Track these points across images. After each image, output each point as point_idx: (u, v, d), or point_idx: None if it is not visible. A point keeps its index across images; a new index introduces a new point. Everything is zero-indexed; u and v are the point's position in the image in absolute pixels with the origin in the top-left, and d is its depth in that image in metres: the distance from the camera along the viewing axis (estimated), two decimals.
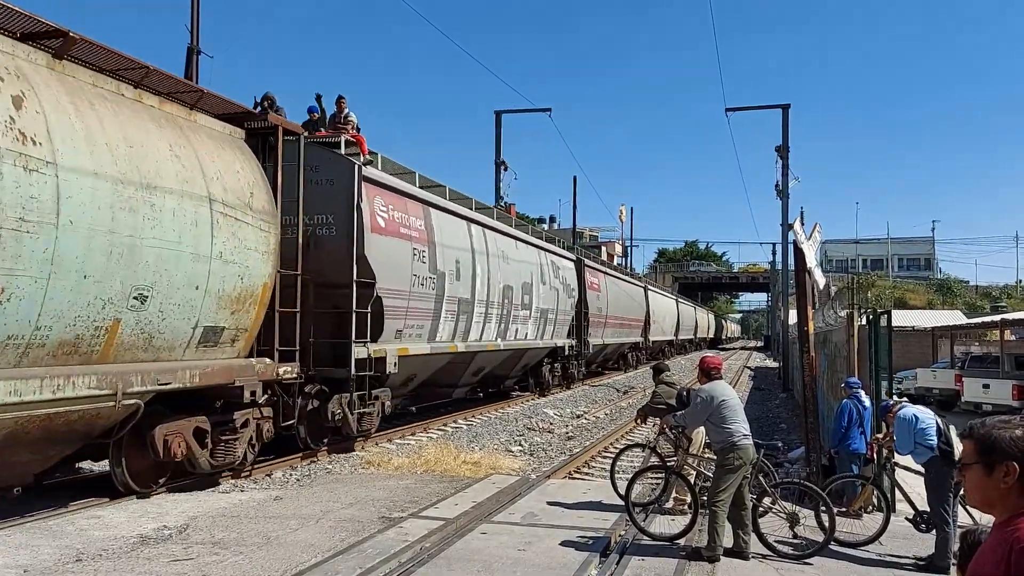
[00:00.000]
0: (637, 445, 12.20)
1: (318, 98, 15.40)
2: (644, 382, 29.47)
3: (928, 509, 7.66)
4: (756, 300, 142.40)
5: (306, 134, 12.52)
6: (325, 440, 13.21)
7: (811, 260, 11.97)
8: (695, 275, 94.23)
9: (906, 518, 8.10)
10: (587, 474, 12.58)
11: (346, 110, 14.81)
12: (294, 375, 11.40)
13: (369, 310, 12.96)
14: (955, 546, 7.27)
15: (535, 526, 8.36)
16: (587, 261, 29.54)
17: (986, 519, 2.43)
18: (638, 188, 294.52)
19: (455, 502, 9.41)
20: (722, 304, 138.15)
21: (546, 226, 69.58)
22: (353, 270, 12.68)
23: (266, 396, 10.92)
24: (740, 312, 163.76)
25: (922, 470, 7.81)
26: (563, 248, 26.89)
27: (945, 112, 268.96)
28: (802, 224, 13.21)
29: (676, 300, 58.00)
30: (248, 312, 10.23)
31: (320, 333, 12.46)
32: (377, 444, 14.14)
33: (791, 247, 13.69)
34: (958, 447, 7.69)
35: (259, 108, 12.41)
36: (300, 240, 11.60)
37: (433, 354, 15.84)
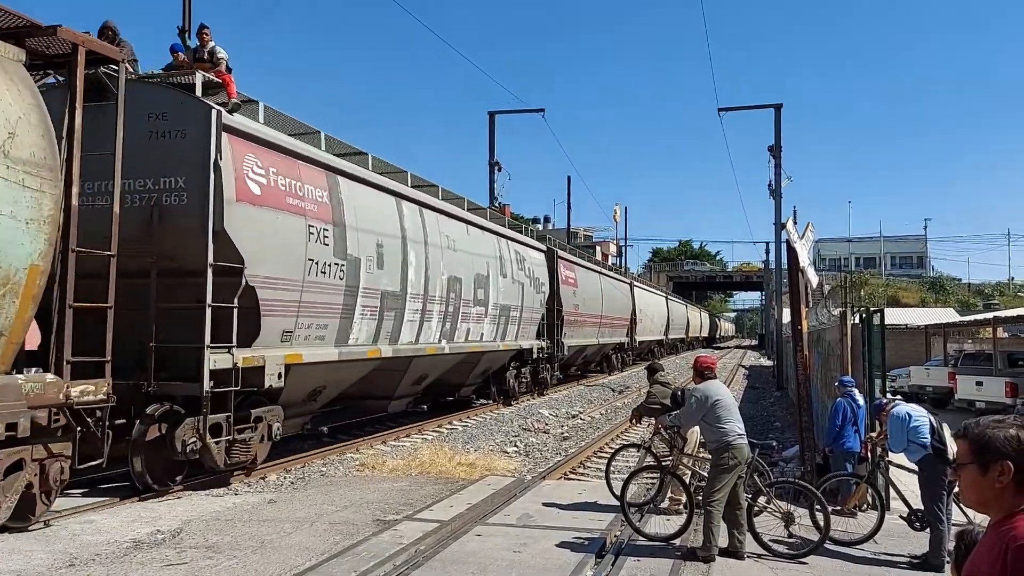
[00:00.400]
0: (632, 445, 12.19)
1: (181, 33, 12.54)
2: (638, 381, 29.46)
3: (922, 507, 7.67)
4: (750, 299, 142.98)
5: (125, 60, 9.18)
6: (177, 479, 10.17)
7: (804, 259, 11.97)
8: (689, 274, 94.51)
9: (900, 516, 8.12)
10: (582, 475, 12.57)
11: (211, 43, 11.37)
12: (98, 397, 8.28)
13: (236, 305, 10.02)
14: (950, 544, 7.29)
15: (530, 527, 8.35)
16: (560, 253, 26.12)
17: (981, 518, 2.42)
18: (632, 189, 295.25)
19: (450, 504, 9.39)
20: (717, 303, 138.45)
21: (540, 226, 69.62)
22: (208, 251, 9.73)
23: (62, 424, 8.02)
24: (735, 311, 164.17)
25: (916, 468, 7.82)
26: (532, 237, 23.99)
27: (935, 111, 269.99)
28: (795, 223, 13.20)
29: (666, 297, 55.52)
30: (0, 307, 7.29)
31: (172, 336, 9.69)
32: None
33: (784, 246, 13.70)
34: (952, 445, 7.70)
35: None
36: (116, 208, 8.66)
37: (345, 361, 12.63)
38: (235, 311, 10.01)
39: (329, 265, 11.83)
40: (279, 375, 10.82)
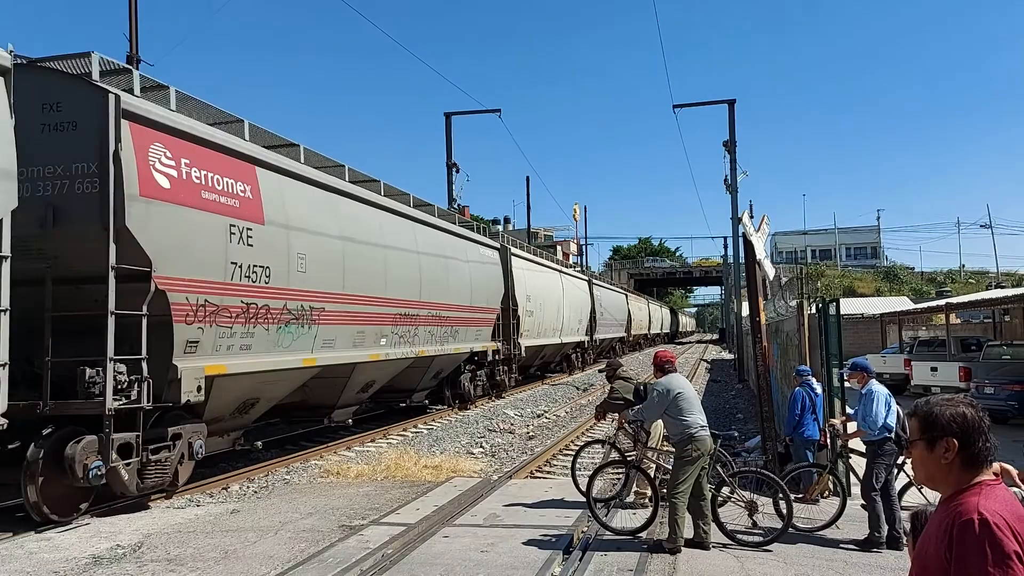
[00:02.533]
0: (597, 441, 12.24)
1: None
2: (601, 379, 29.51)
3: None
4: (711, 294, 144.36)
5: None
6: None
7: (760, 252, 12.14)
8: (650, 271, 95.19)
9: (861, 506, 8.25)
10: (549, 473, 12.59)
11: None
12: None
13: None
14: (898, 523, 7.47)
15: (497, 527, 8.35)
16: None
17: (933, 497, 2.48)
18: (591, 187, 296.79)
19: (416, 507, 9.35)
20: (678, 299, 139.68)
21: (501, 227, 69.66)
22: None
23: None
24: (695, 306, 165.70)
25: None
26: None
27: (887, 104, 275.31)
28: (751, 217, 13.39)
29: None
30: None
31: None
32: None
33: (741, 240, 13.85)
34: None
35: None
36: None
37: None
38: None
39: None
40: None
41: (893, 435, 7.72)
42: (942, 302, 27.21)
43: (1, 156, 7.80)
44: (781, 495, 7.76)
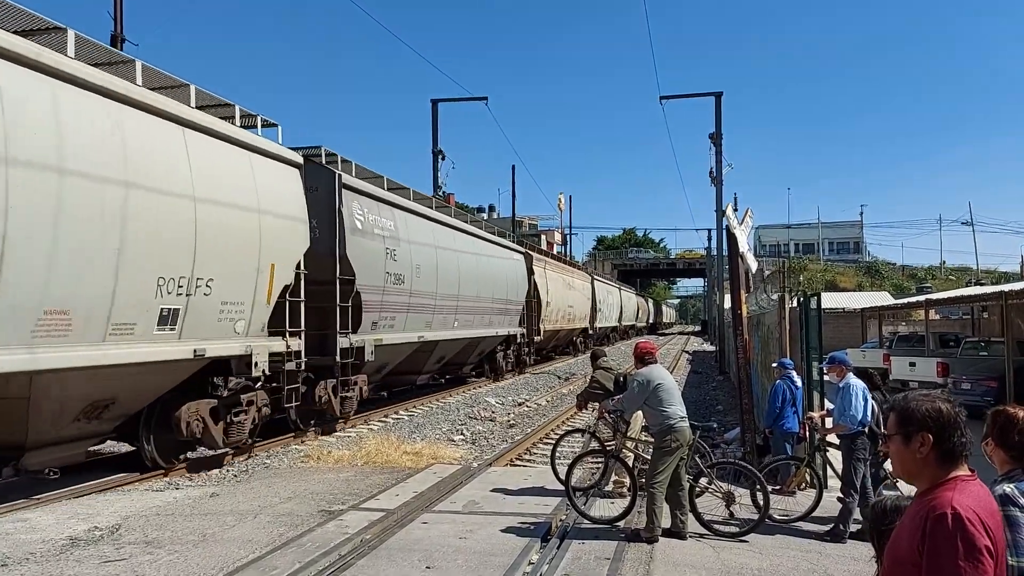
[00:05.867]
0: (577, 430, 12.30)
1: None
2: (584, 368, 29.68)
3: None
4: (693, 285, 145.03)
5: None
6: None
7: (743, 244, 12.18)
8: (633, 262, 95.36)
9: (838, 498, 8.33)
10: (528, 461, 12.63)
11: None
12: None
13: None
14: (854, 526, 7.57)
15: (476, 514, 8.37)
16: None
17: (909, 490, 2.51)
18: (577, 177, 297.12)
19: (396, 493, 9.36)
20: (660, 290, 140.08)
21: (485, 215, 69.61)
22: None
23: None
24: (678, 298, 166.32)
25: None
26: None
27: (872, 101, 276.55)
28: (735, 209, 13.43)
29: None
30: None
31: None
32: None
33: (725, 233, 13.91)
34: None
35: None
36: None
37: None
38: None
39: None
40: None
41: (867, 430, 7.80)
42: (922, 298, 27.46)
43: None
44: (759, 487, 7.82)
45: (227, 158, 10.97)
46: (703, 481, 8.02)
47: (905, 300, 32.20)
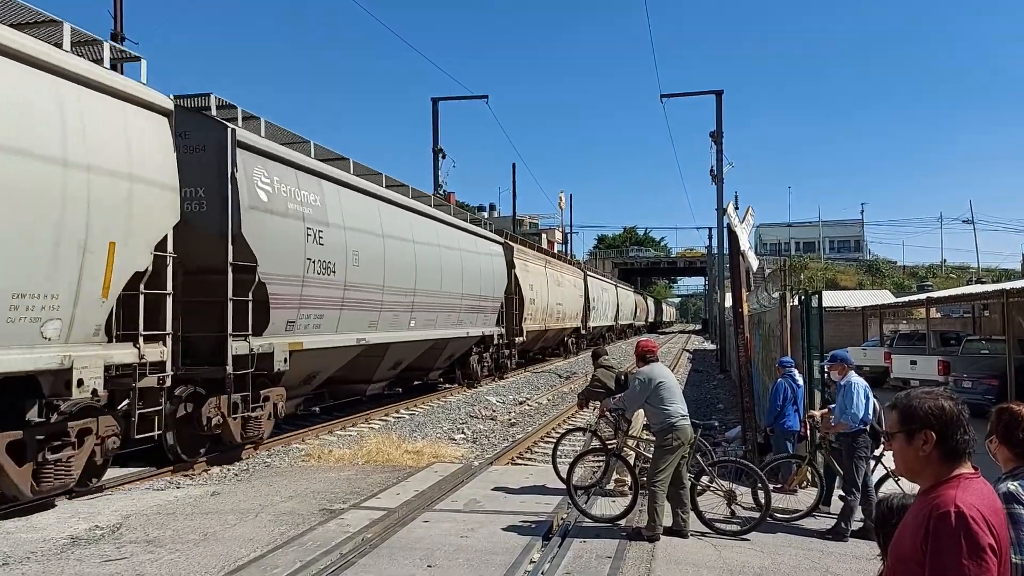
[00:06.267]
0: (579, 429, 12.30)
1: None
2: (585, 367, 29.65)
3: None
4: (694, 284, 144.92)
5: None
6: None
7: (744, 243, 12.18)
8: (634, 260, 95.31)
9: (839, 496, 8.33)
10: (529, 459, 12.63)
11: None
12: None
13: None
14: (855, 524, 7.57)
15: (478, 512, 8.37)
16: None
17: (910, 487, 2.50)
18: (577, 176, 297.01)
19: (397, 491, 9.36)
20: (661, 289, 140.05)
21: (486, 214, 69.55)
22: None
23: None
24: (679, 296, 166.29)
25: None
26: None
27: (873, 99, 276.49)
28: (736, 208, 13.42)
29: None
30: None
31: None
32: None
33: (726, 231, 13.92)
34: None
35: None
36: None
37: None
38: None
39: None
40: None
41: (868, 428, 7.80)
42: (923, 296, 27.44)
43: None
44: (760, 485, 7.82)
45: (16, 82, 7.59)
46: (704, 479, 8.01)
47: (906, 298, 32.18)
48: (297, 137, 13.54)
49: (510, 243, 26.76)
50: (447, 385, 22.61)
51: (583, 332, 40.88)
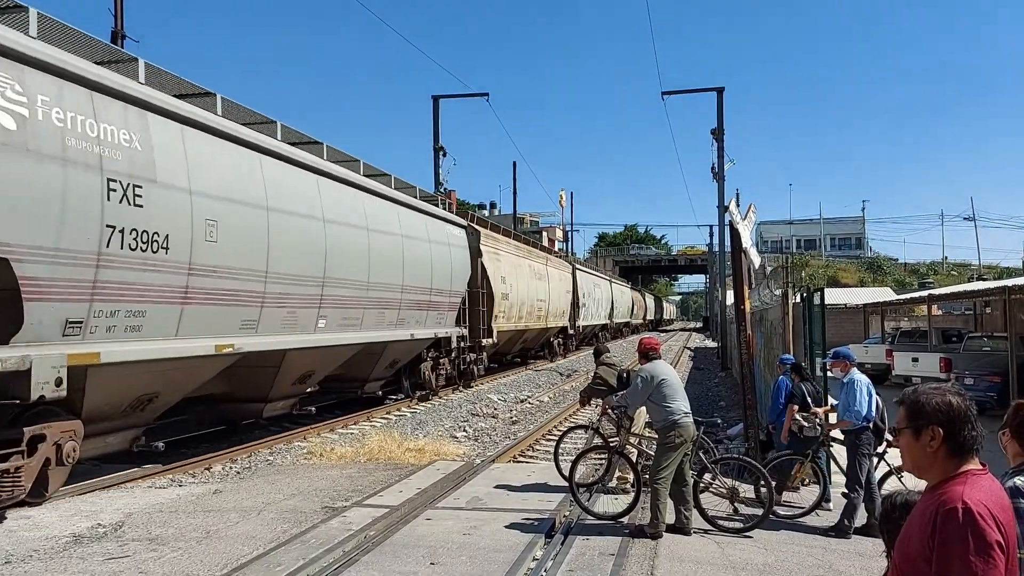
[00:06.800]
0: (581, 427, 12.29)
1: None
2: (585, 365, 29.65)
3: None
4: (695, 282, 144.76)
5: None
6: None
7: (746, 240, 12.18)
8: (635, 258, 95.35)
9: (843, 494, 8.31)
10: (532, 457, 12.63)
11: None
12: None
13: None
14: (877, 511, 7.53)
15: (480, 510, 8.36)
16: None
17: (913, 484, 2.49)
18: (578, 173, 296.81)
19: (399, 489, 9.36)
20: (662, 286, 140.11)
21: (487, 212, 69.56)
22: None
23: None
24: (680, 294, 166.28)
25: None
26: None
27: (874, 96, 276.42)
28: (737, 205, 13.41)
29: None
30: None
31: None
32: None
33: (727, 228, 13.89)
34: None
35: None
36: None
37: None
38: None
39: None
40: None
41: (871, 425, 7.79)
42: (924, 293, 27.40)
43: None
44: (762, 482, 7.81)
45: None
46: (707, 477, 8.00)
47: (907, 296, 32.15)
48: (111, 47, 10.10)
49: (476, 227, 22.56)
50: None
51: (571, 332, 36.92)
